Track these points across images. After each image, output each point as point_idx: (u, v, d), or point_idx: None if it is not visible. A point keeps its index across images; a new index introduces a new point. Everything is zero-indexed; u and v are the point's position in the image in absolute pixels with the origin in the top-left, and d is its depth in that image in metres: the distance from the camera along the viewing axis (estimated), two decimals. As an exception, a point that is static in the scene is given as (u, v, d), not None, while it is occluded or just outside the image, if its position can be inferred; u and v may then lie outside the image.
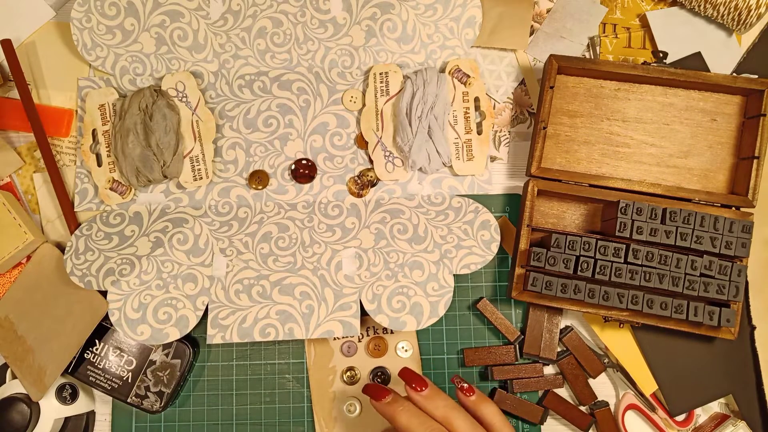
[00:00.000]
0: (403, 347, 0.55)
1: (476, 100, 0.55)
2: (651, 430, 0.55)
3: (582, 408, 0.55)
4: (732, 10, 0.55)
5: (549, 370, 0.55)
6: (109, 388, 0.53)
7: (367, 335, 0.55)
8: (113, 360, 0.53)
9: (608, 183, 0.53)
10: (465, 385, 0.48)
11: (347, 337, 0.55)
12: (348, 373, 0.54)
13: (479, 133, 0.55)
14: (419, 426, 0.44)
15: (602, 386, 0.56)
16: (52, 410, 0.52)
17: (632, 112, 0.54)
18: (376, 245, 0.53)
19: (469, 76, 0.55)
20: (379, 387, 0.47)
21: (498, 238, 0.53)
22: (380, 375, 0.54)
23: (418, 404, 0.46)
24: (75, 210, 0.55)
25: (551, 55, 0.53)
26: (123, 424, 0.54)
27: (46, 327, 0.52)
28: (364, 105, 0.55)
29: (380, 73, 0.55)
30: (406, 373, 0.47)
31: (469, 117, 0.55)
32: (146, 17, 0.55)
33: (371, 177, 0.55)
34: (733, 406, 0.55)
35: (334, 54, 0.56)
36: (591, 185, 0.53)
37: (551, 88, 0.53)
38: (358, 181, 0.55)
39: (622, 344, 0.54)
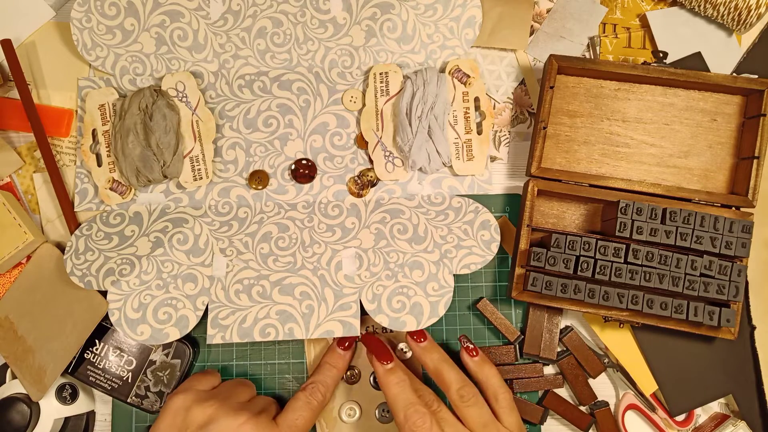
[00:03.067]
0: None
1: (476, 100, 0.55)
2: (651, 430, 0.55)
3: (582, 408, 0.55)
4: (732, 10, 0.55)
5: (549, 370, 0.55)
6: (109, 388, 0.53)
7: (367, 335, 0.55)
8: (113, 360, 0.53)
9: (608, 183, 0.53)
10: (470, 345, 0.51)
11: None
12: (348, 373, 0.54)
13: (479, 133, 0.55)
14: (405, 403, 0.47)
15: (602, 386, 0.56)
16: (52, 410, 0.52)
17: (632, 112, 0.54)
18: (376, 245, 0.53)
19: (469, 76, 0.55)
20: (385, 349, 0.50)
21: (498, 238, 0.53)
22: None
23: (415, 354, 0.51)
24: (75, 210, 0.55)
25: (551, 55, 0.53)
26: (123, 424, 0.54)
27: (46, 327, 0.52)
28: (364, 105, 0.55)
29: (380, 73, 0.55)
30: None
31: (469, 117, 0.55)
32: (146, 17, 0.55)
33: (371, 177, 0.55)
34: (733, 406, 0.55)
35: (334, 54, 0.56)
36: (591, 185, 0.53)
37: (551, 88, 0.53)
38: (358, 181, 0.55)
39: (622, 344, 0.54)
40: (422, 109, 0.53)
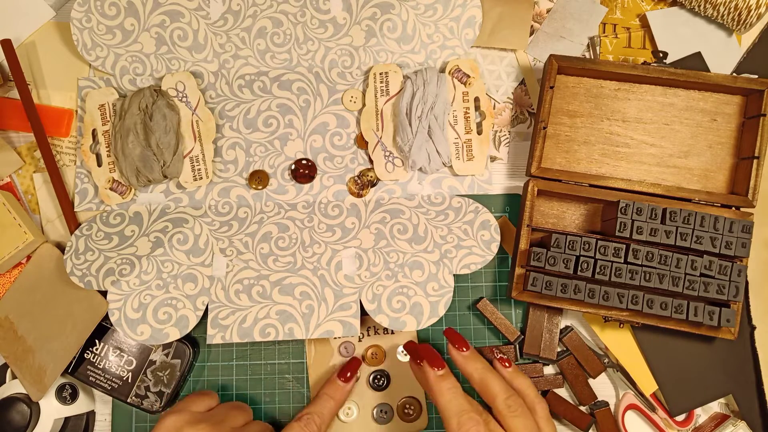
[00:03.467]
0: (402, 351, 0.54)
1: (476, 100, 0.55)
2: (651, 430, 0.55)
3: (582, 408, 0.55)
4: (732, 10, 0.55)
5: (549, 370, 0.55)
6: (109, 388, 0.53)
7: (367, 335, 0.55)
8: (113, 360, 0.53)
9: (608, 183, 0.53)
10: (504, 356, 0.51)
11: (345, 337, 0.55)
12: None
13: (479, 133, 0.55)
14: (459, 410, 0.45)
15: (602, 386, 0.56)
16: (52, 410, 0.52)
17: (632, 112, 0.54)
18: (376, 245, 0.53)
19: (469, 76, 0.55)
20: (436, 354, 0.49)
21: (498, 238, 0.53)
22: (380, 378, 0.54)
23: (458, 363, 0.49)
24: (75, 210, 0.55)
25: (551, 55, 0.53)
26: (123, 424, 0.54)
27: (46, 327, 0.52)
28: (364, 105, 0.55)
29: (380, 73, 0.55)
30: (450, 333, 0.50)
31: (469, 117, 0.55)
32: (146, 17, 0.55)
33: (371, 177, 0.55)
34: (733, 406, 0.55)
35: (334, 54, 0.56)
36: (591, 185, 0.53)
37: (551, 88, 0.53)
38: (358, 181, 0.55)
39: (622, 344, 0.54)
40: (422, 109, 0.53)
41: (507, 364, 0.50)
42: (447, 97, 0.54)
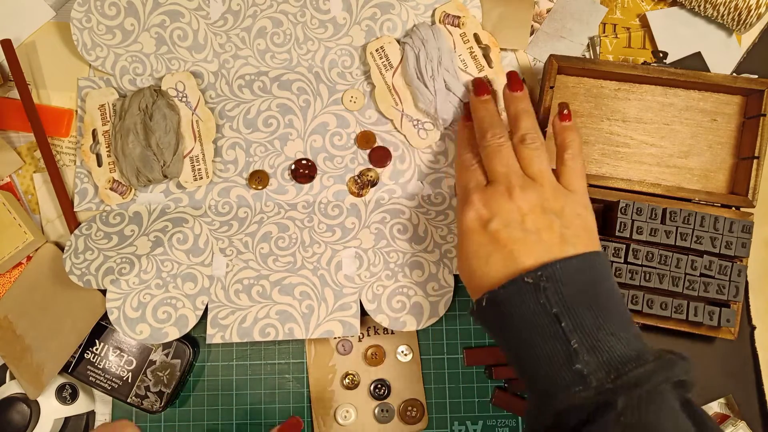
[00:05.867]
0: (402, 351, 0.55)
1: (475, 36, 0.55)
2: (651, 430, 0.55)
3: (582, 408, 0.55)
4: (732, 10, 0.55)
5: (549, 370, 0.55)
6: (109, 388, 0.53)
7: (367, 335, 0.55)
8: (113, 360, 0.53)
9: (608, 183, 0.53)
10: (566, 111, 0.49)
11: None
12: (347, 379, 0.54)
13: (491, 66, 0.55)
14: (489, 124, 0.47)
15: (602, 386, 0.56)
16: (52, 410, 0.52)
17: (632, 112, 0.54)
18: (376, 245, 0.53)
19: (459, 17, 0.54)
20: (483, 84, 0.51)
21: (498, 238, 0.53)
22: (380, 387, 0.54)
23: (505, 97, 0.50)
24: (75, 210, 0.55)
25: (551, 55, 0.53)
26: (123, 424, 0.54)
27: (45, 326, 0.52)
28: (373, 87, 0.54)
29: (376, 50, 0.54)
30: (511, 74, 0.50)
31: (475, 56, 0.54)
32: (146, 17, 0.55)
33: (371, 177, 0.55)
34: (733, 406, 0.55)
35: (334, 54, 0.56)
36: (591, 185, 0.53)
37: (551, 88, 0.53)
38: (358, 181, 0.55)
39: (622, 344, 0.54)
40: (431, 67, 0.52)
41: (567, 120, 0.48)
42: (448, 45, 0.54)
